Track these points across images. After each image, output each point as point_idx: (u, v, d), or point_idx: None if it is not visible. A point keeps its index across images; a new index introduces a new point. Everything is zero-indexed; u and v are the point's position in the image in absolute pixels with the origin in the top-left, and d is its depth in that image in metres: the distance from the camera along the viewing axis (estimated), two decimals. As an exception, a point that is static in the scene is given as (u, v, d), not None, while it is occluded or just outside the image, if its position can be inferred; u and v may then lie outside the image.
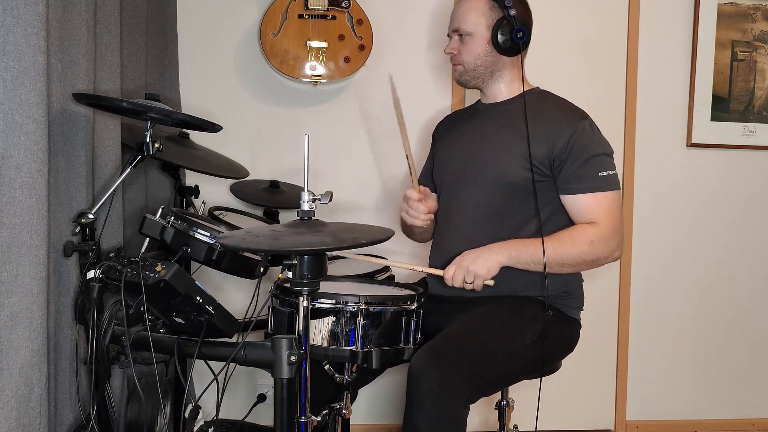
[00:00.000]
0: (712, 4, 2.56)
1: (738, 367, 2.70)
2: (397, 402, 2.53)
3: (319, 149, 2.42)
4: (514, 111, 1.81)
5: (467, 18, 1.79)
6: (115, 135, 1.74)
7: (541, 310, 1.68)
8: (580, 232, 1.68)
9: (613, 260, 1.73)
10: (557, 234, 1.69)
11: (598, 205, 1.69)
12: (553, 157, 1.71)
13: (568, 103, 1.81)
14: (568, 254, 1.66)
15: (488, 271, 1.65)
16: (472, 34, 1.79)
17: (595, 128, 1.75)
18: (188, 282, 1.40)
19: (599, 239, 1.67)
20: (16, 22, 1.26)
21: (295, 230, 1.32)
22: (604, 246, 1.68)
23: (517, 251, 1.67)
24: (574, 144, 1.69)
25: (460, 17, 1.81)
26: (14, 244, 1.28)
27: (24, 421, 1.31)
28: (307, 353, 1.32)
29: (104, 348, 1.46)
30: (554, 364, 1.80)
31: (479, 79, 1.83)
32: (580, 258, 1.67)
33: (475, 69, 1.81)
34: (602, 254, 1.68)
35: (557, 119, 1.74)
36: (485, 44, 1.78)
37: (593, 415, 2.65)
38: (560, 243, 1.67)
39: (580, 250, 1.67)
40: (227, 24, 2.42)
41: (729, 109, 2.60)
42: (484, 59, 1.80)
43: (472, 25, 1.78)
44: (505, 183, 1.74)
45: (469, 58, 1.80)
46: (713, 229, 2.66)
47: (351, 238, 1.30)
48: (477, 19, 1.78)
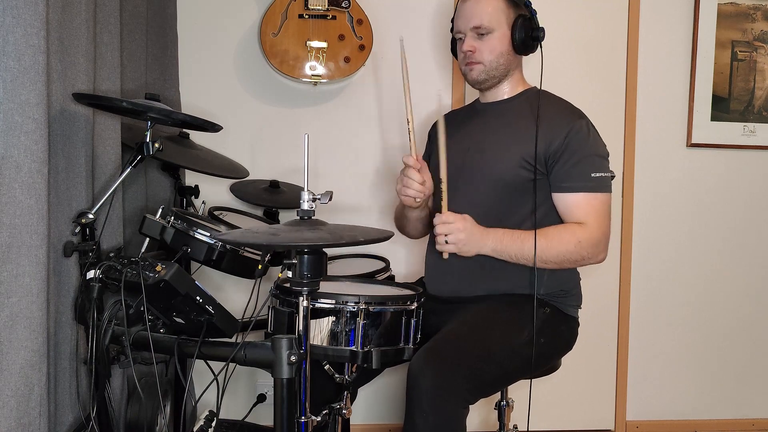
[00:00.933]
0: (712, 4, 2.56)
1: (738, 367, 2.70)
2: (397, 402, 2.53)
3: (319, 149, 2.42)
4: (513, 110, 1.81)
5: (488, 14, 1.74)
6: (115, 135, 1.74)
7: (538, 308, 1.67)
8: (568, 231, 1.68)
9: (597, 262, 1.72)
10: (545, 230, 1.68)
11: (588, 206, 1.69)
12: (548, 154, 1.71)
13: (566, 103, 1.81)
14: (554, 252, 1.66)
15: (466, 252, 1.66)
16: (494, 32, 1.75)
17: (592, 129, 1.74)
18: (188, 282, 1.40)
19: (587, 240, 1.67)
20: (16, 22, 1.26)
21: (294, 228, 1.32)
22: (591, 247, 1.67)
23: (503, 245, 1.66)
24: (569, 142, 1.69)
25: (479, 13, 1.75)
26: (14, 244, 1.28)
27: (24, 421, 1.31)
28: (307, 353, 1.32)
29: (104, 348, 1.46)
30: (552, 362, 1.80)
31: (496, 78, 1.81)
32: (564, 257, 1.67)
33: (497, 68, 1.78)
34: (587, 255, 1.68)
35: (555, 118, 1.74)
36: (507, 42, 1.76)
37: (593, 415, 2.65)
38: (547, 240, 1.66)
39: (565, 249, 1.66)
40: (227, 24, 2.42)
41: (729, 109, 2.60)
42: (506, 58, 1.78)
43: (495, 22, 1.74)
44: (502, 181, 1.74)
45: (492, 56, 1.76)
46: (713, 229, 2.66)
47: (349, 235, 1.30)
48: (498, 15, 1.75)
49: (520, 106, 1.80)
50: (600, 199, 1.70)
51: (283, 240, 1.27)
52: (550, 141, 1.70)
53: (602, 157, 1.73)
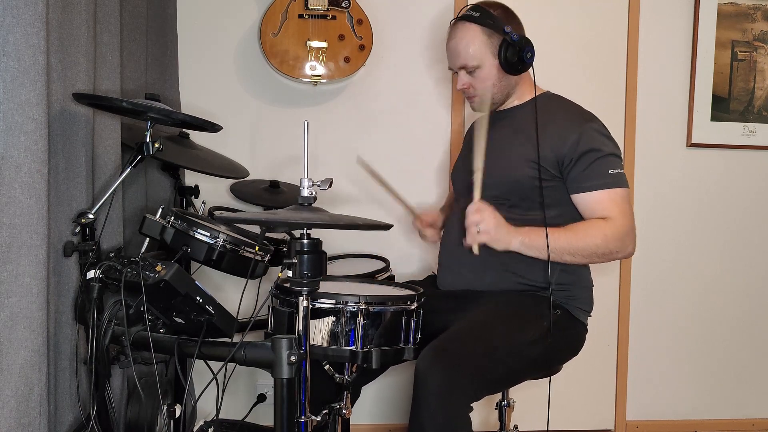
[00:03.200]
0: (712, 4, 2.56)
1: (738, 367, 2.70)
2: (400, 402, 2.53)
3: (319, 149, 2.42)
4: (524, 115, 1.83)
5: (470, 52, 1.78)
6: (115, 135, 1.74)
7: (547, 308, 1.68)
8: (594, 226, 1.69)
9: (626, 256, 1.74)
10: (571, 225, 1.71)
11: (610, 201, 1.70)
12: (561, 157, 1.72)
13: (577, 107, 1.83)
14: (581, 245, 1.67)
15: (496, 243, 1.66)
16: (481, 66, 1.79)
17: (603, 130, 1.76)
18: (188, 282, 1.40)
19: (613, 233, 1.68)
20: (16, 22, 1.26)
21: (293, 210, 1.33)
22: (618, 240, 1.69)
23: (530, 239, 1.68)
24: (582, 145, 1.70)
25: (462, 54, 1.79)
26: (14, 244, 1.28)
27: (24, 421, 1.31)
28: (307, 353, 1.32)
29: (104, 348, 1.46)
30: (557, 365, 1.80)
31: (499, 102, 1.85)
32: (593, 250, 1.68)
33: (493, 96, 1.82)
34: (615, 248, 1.69)
35: (566, 121, 1.75)
36: (496, 71, 1.79)
37: (593, 415, 2.65)
38: (574, 234, 1.68)
39: (593, 242, 1.67)
40: (227, 24, 2.42)
41: (729, 109, 2.60)
42: (499, 85, 1.81)
43: (479, 58, 1.78)
44: (514, 185, 1.76)
45: (484, 88, 1.81)
46: (713, 229, 2.66)
47: (348, 218, 1.32)
48: (481, 50, 1.78)
49: (531, 111, 1.82)
50: (620, 194, 1.71)
51: (281, 218, 1.27)
52: (560, 144, 1.71)
53: (616, 156, 1.75)
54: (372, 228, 1.34)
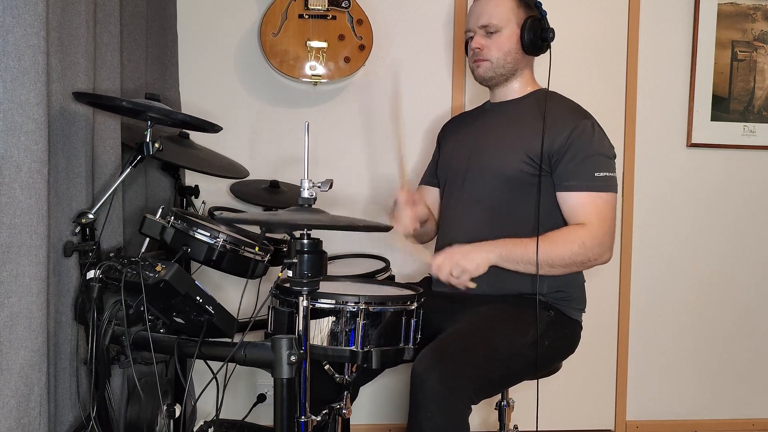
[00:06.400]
0: (712, 4, 2.56)
1: (738, 367, 2.70)
2: (399, 402, 2.53)
3: (318, 149, 2.42)
4: (521, 109, 1.82)
5: (497, 13, 1.78)
6: (115, 135, 1.74)
7: (542, 311, 1.68)
8: (571, 234, 1.67)
9: (603, 263, 1.71)
10: (548, 234, 1.68)
11: (591, 205, 1.68)
12: (552, 152, 1.71)
13: (573, 104, 1.83)
14: (559, 255, 1.66)
15: (477, 268, 1.64)
16: (502, 30, 1.78)
17: (598, 129, 1.75)
18: (188, 282, 1.40)
19: (591, 241, 1.66)
20: (16, 22, 1.26)
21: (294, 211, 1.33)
22: (595, 248, 1.67)
23: (507, 250, 1.66)
24: (573, 141, 1.69)
25: (489, 12, 1.79)
26: (14, 244, 1.28)
27: (24, 421, 1.31)
28: (307, 353, 1.32)
29: (104, 348, 1.46)
30: (555, 364, 1.80)
31: (503, 76, 1.83)
32: (571, 259, 1.66)
33: (504, 66, 1.81)
34: (593, 256, 1.67)
35: (560, 117, 1.74)
36: (514, 42, 1.79)
37: (593, 415, 2.65)
38: (552, 244, 1.66)
39: (570, 251, 1.66)
40: (227, 24, 2.42)
41: (729, 109, 2.60)
42: (514, 56, 1.80)
43: (504, 21, 1.78)
44: (506, 178, 1.75)
45: (499, 54, 1.80)
46: (713, 229, 2.66)
47: (347, 219, 1.32)
48: (507, 15, 1.78)
49: (529, 105, 1.82)
50: (604, 198, 1.69)
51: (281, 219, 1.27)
52: (552, 139, 1.71)
53: (607, 157, 1.73)
54: (372, 230, 1.34)
